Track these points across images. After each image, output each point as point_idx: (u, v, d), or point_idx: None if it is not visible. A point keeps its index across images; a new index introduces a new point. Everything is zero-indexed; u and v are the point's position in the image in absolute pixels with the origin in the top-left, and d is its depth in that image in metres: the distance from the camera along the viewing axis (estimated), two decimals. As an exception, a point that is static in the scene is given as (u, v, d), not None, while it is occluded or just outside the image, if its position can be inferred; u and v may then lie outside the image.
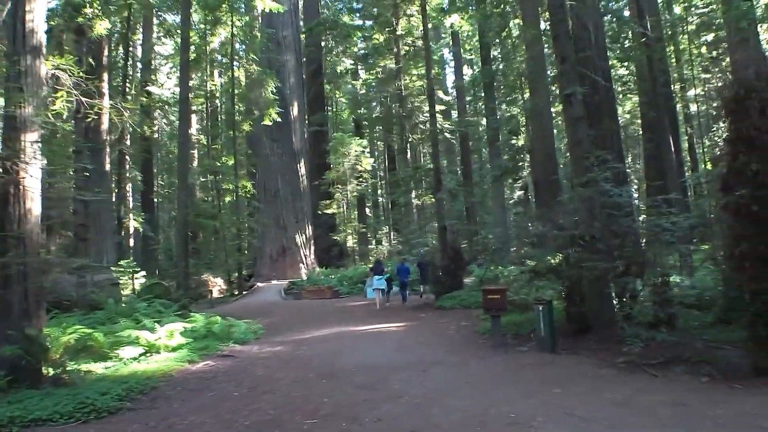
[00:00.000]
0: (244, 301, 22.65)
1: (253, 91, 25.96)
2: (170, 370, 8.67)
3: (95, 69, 26.90)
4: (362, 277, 25.07)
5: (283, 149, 30.18)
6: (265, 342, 11.75)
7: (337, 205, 32.25)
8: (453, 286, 16.61)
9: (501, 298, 9.81)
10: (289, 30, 31.36)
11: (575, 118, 10.55)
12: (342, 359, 9.30)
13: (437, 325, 13.27)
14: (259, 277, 28.79)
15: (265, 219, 29.16)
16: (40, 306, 7.88)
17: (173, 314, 14.31)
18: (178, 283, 17.12)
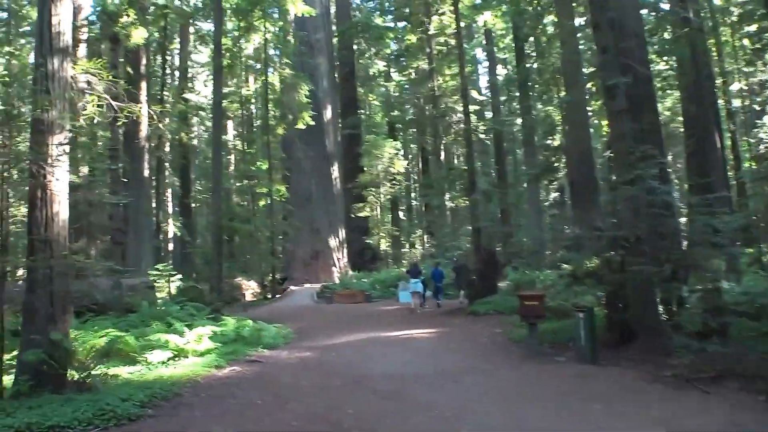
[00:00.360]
0: (276, 305, 22.56)
1: (287, 95, 25.94)
2: (196, 375, 8.49)
3: (133, 78, 27.42)
4: (395, 280, 24.72)
5: (316, 153, 30.10)
6: (293, 347, 11.52)
7: (370, 209, 32.01)
8: (487, 290, 16.12)
9: (539, 304, 9.33)
10: (322, 33, 31.34)
11: (618, 111, 9.98)
12: (370, 367, 8.97)
13: (470, 331, 12.83)
14: (292, 281, 28.72)
15: (298, 222, 29.11)
16: (66, 310, 7.79)
17: (205, 318, 14.25)
18: (211, 287, 17.10)
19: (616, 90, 10.11)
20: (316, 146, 30.25)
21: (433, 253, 30.38)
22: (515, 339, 10.99)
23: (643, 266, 8.51)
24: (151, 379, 8.05)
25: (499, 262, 16.59)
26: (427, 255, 33.15)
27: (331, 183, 30.80)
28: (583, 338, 8.84)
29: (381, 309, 19.09)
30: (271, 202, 25.60)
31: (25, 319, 7.47)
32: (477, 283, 16.04)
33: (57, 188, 7.67)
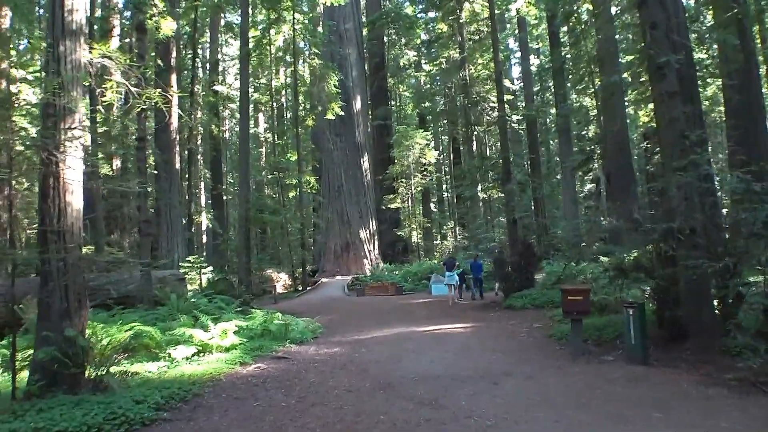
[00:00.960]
0: (307, 297, 22.14)
1: (316, 86, 25.39)
2: (219, 373, 7.99)
3: (164, 71, 27.24)
4: (427, 273, 24.07)
5: (346, 143, 29.56)
6: (322, 342, 10.96)
7: (401, 200, 31.35)
8: (523, 283, 15.31)
9: (583, 299, 8.53)
10: (351, 23, 30.68)
11: (669, 92, 9.05)
12: (402, 366, 8.33)
13: (507, 327, 12.08)
14: (323, 273, 28.31)
15: (328, 214, 28.66)
16: (81, 305, 7.34)
17: (233, 311, 13.87)
18: (239, 279, 16.71)
19: (667, 69, 9.20)
20: (346, 137, 29.72)
21: (465, 246, 29.58)
22: (556, 336, 10.21)
23: (701, 260, 7.68)
24: (171, 378, 7.58)
25: (535, 255, 15.74)
26: (460, 247, 32.37)
27: (361, 174, 30.23)
28: (633, 336, 8.04)
29: (413, 302, 18.44)
30: (301, 194, 25.14)
31: (39, 315, 7.05)
32: (513, 276, 15.23)
33: (70, 177, 7.21)
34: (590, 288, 9.04)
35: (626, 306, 8.19)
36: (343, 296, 22.06)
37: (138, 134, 15.70)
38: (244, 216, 16.20)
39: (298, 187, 25.33)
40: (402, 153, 29.70)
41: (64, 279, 7.05)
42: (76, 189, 7.39)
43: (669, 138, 9.25)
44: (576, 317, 8.60)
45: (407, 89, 43.17)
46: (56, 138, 7.13)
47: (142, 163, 15.71)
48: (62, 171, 7.14)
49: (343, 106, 26.90)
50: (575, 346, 8.67)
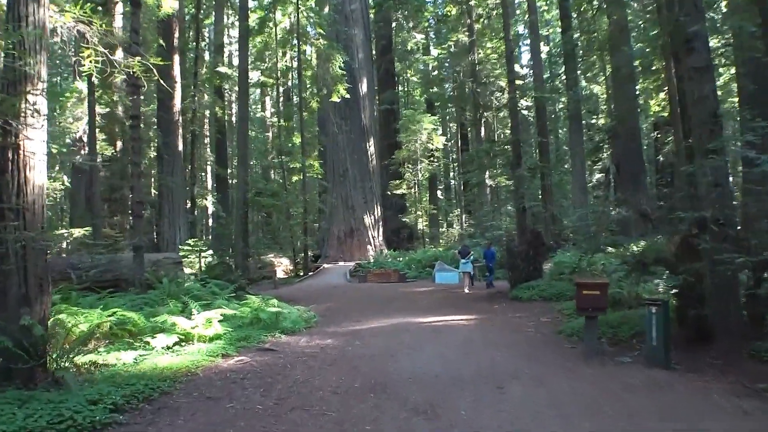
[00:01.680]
0: (307, 283, 21.40)
1: (321, 67, 24.42)
2: (196, 366, 7.22)
3: (166, 51, 26.36)
4: (431, 261, 23.27)
5: (352, 127, 28.62)
6: (315, 333, 10.17)
7: (407, 186, 30.43)
8: (531, 274, 14.45)
9: (600, 294, 7.65)
10: (357, 3, 29.58)
11: (699, 67, 8.09)
12: (397, 362, 7.53)
13: (513, 320, 11.24)
14: (326, 258, 27.56)
15: (332, 199, 27.83)
16: (43, 290, 6.55)
17: (227, 296, 13.15)
18: (235, 264, 15.96)
19: (696, 41, 8.24)
20: (351, 121, 28.78)
21: (472, 234, 28.71)
22: (566, 333, 9.37)
23: (731, 253, 6.80)
24: (142, 371, 6.80)
25: (544, 244, 14.85)
26: (466, 235, 31.52)
27: (367, 159, 29.31)
28: (655, 337, 7.18)
29: (416, 290, 17.65)
30: (304, 178, 24.27)
31: (-5, 302, 6.27)
32: (520, 266, 14.37)
33: (31, 149, 6.38)
34: (608, 282, 8.13)
35: (648, 303, 7.33)
36: (345, 283, 21.31)
37: (131, 111, 14.83)
38: (242, 198, 15.41)
39: (302, 171, 24.43)
40: (409, 138, 28.76)
41: (22, 262, 6.27)
42: (39, 163, 6.57)
43: (699, 117, 8.30)
44: (591, 314, 7.74)
45: (415, 74, 42.05)
46: (15, 106, 6.31)
47: (136, 142, 14.87)
48: (22, 143, 6.32)
49: (349, 89, 25.94)
50: (589, 345, 7.81)
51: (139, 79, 15.73)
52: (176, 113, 27.73)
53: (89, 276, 13.63)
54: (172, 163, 27.45)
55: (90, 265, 14.49)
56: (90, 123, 19.66)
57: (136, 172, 14.97)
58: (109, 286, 13.80)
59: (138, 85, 15.37)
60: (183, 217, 27.65)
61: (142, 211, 14.95)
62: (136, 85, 15.03)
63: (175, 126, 27.67)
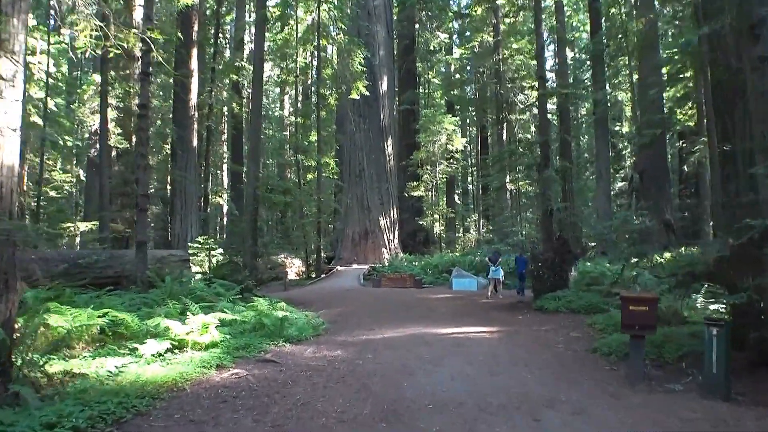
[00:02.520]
0: (319, 285, 20.45)
1: (341, 62, 23.49)
2: (184, 380, 6.27)
3: (184, 44, 25.68)
4: (448, 266, 22.22)
5: (370, 126, 27.66)
6: (323, 342, 9.18)
7: (424, 188, 29.37)
8: (556, 283, 13.34)
9: (649, 310, 6.57)
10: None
11: (764, 57, 7.01)
12: (415, 382, 6.51)
13: (539, 334, 10.15)
14: (339, 260, 26.62)
15: (348, 199, 26.89)
16: (9, 287, 5.64)
17: (232, 297, 12.27)
18: (243, 263, 15.07)
19: (763, 28, 7.15)
20: (370, 119, 27.83)
21: (490, 239, 27.62)
22: (603, 351, 8.26)
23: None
24: (120, 385, 5.87)
25: (571, 251, 13.71)
26: (483, 241, 30.44)
27: (384, 159, 28.32)
28: (715, 363, 6.08)
29: (433, 297, 16.61)
30: (319, 176, 23.32)
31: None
32: (545, 275, 13.27)
33: (0, 123, 5.52)
34: (658, 297, 7.01)
35: (708, 324, 6.22)
36: (358, 286, 20.33)
37: (140, 100, 14.03)
38: (252, 194, 14.51)
39: (317, 169, 23.48)
40: (428, 138, 27.72)
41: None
42: (9, 143, 5.69)
43: (763, 113, 7.20)
44: (638, 332, 6.65)
45: (436, 75, 41.02)
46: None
47: (143, 133, 14.06)
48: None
49: (369, 87, 24.99)
50: (634, 368, 6.73)
51: (149, 67, 14.99)
52: (192, 107, 27.04)
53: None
54: (185, 159, 26.75)
55: (91, 261, 13.71)
56: (102, 114, 18.98)
57: (142, 164, 14.16)
58: (110, 284, 13.02)
59: (148, 73, 14.62)
60: (195, 214, 26.93)
61: (146, 204, 14.15)
62: (146, 73, 14.26)
63: (191, 121, 26.98)
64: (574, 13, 36.19)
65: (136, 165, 14.92)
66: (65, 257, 13.88)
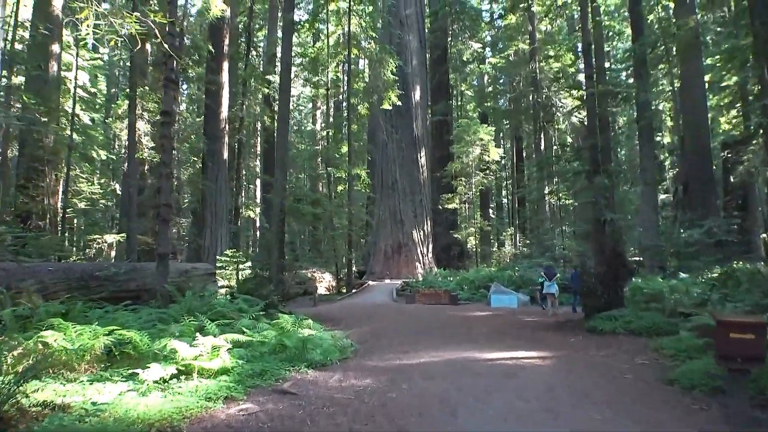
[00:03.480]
0: (350, 301, 19.28)
1: (372, 72, 22.53)
2: (182, 416, 5.16)
3: (215, 57, 25.18)
4: (485, 281, 20.80)
5: (403, 137, 26.58)
6: (351, 368, 7.96)
7: (459, 200, 28.00)
8: (611, 301, 11.85)
9: (756, 339, 5.17)
10: (412, 8, 27.70)
11: None
12: (459, 424, 5.23)
13: (599, 360, 8.72)
14: (371, 275, 25.43)
15: (380, 212, 25.77)
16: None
17: (256, 314, 11.24)
18: (269, 278, 14.03)
19: None
20: (402, 130, 26.75)
21: (528, 254, 26.05)
22: (683, 384, 6.80)
23: None
24: (104, 422, 4.78)
25: (626, 266, 12.21)
26: (520, 256, 28.87)
27: (417, 170, 27.14)
28: None
29: (470, 314, 15.24)
30: (350, 188, 22.22)
31: None
32: (598, 291, 11.79)
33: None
34: (766, 323, 5.56)
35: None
36: (390, 302, 19.08)
37: (164, 107, 13.23)
38: (279, 205, 13.51)
39: (348, 181, 22.39)
40: (463, 149, 26.41)
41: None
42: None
43: None
44: (740, 366, 5.24)
45: (469, 87, 39.78)
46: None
47: (166, 140, 13.23)
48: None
49: (401, 97, 23.99)
50: (735, 408, 5.31)
51: (174, 73, 14.20)
52: (223, 120, 26.50)
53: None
54: (216, 172, 26.15)
55: (109, 273, 12.90)
56: (130, 124, 18.36)
57: (164, 173, 13.32)
58: (130, 298, 12.20)
59: (173, 80, 13.85)
60: (225, 227, 26.24)
61: (169, 214, 13.26)
62: (170, 79, 13.50)
63: (222, 133, 26.43)
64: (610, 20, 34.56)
65: (159, 173, 14.09)
66: (84, 269, 13.10)
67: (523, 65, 26.91)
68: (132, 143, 18.03)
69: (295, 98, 45.11)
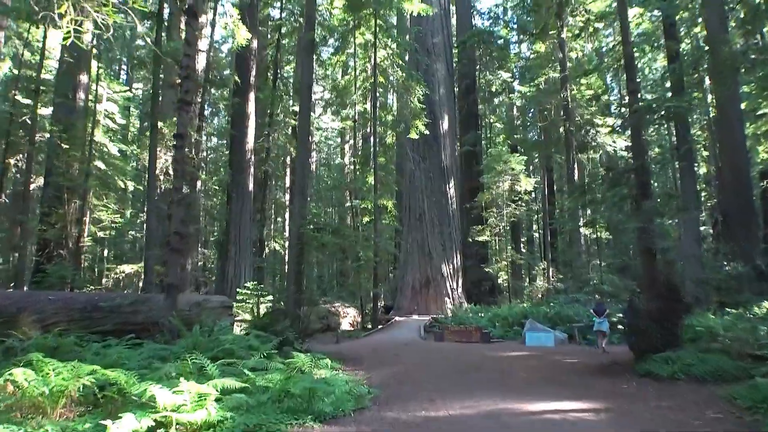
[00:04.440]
0: (375, 338, 17.89)
1: (399, 100, 21.63)
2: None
3: (241, 87, 24.77)
4: (519, 318, 19.19)
5: (431, 167, 25.47)
6: (367, 421, 6.62)
7: (490, 232, 26.51)
8: (666, 341, 10.24)
9: None
10: (439, 36, 26.94)
11: None
12: None
13: (662, 413, 7.18)
14: (398, 310, 24.02)
15: (407, 245, 24.49)
16: None
17: (269, 351, 10.03)
18: (285, 312, 12.84)
19: None
20: (430, 160, 25.66)
21: (564, 289, 24.32)
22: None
23: None
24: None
25: (682, 300, 10.60)
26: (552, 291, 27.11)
27: (446, 201, 25.88)
28: None
29: (505, 354, 13.70)
30: (377, 216, 21.02)
31: None
32: (652, 329, 10.20)
33: None
34: None
35: None
36: (418, 340, 17.62)
37: (177, 129, 12.43)
38: (296, 234, 12.43)
39: (374, 210, 21.21)
40: (493, 179, 25.10)
41: None
42: None
43: None
44: None
45: (498, 120, 38.67)
46: None
47: (179, 165, 12.41)
48: None
49: (429, 126, 22.98)
50: None
51: (188, 94, 13.44)
52: (248, 151, 25.90)
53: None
54: (241, 203, 25.40)
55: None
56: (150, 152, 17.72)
57: (176, 199, 12.45)
58: (136, 331, 11.21)
59: (187, 101, 13.12)
60: (249, 260, 25.30)
61: (180, 243, 12.29)
62: (184, 101, 12.76)
63: (247, 164, 25.78)
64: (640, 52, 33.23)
65: (172, 200, 13.21)
66: (88, 299, 12.19)
67: (554, 93, 25.74)
68: (152, 170, 17.35)
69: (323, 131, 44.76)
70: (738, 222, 22.80)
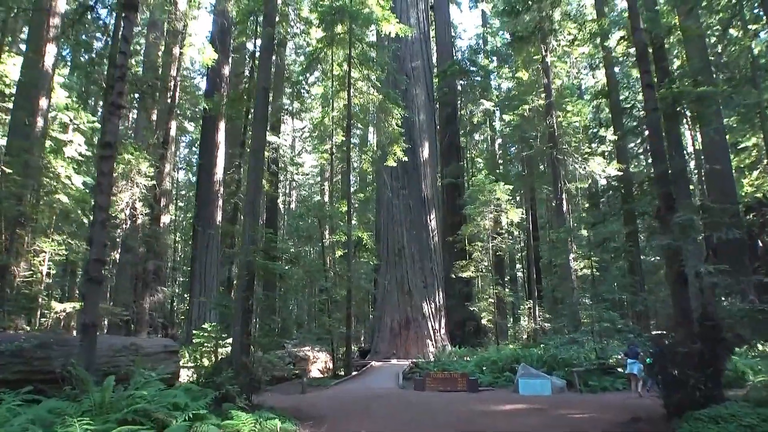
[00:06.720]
0: (346, 387, 15.13)
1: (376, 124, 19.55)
2: None
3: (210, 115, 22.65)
4: (510, 362, 16.64)
5: (411, 198, 23.23)
6: None
7: (474, 268, 24.06)
8: (710, 393, 7.83)
9: None
10: (419, 61, 25.19)
11: None
12: None
13: None
14: (376, 354, 21.27)
15: (385, 282, 21.98)
16: None
17: (201, 411, 7.45)
18: (229, 360, 10.21)
19: None
20: (410, 191, 23.46)
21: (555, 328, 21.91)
22: None
23: None
24: None
25: (723, 339, 8.25)
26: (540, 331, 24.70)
27: (427, 234, 23.53)
28: None
29: (497, 408, 11.11)
30: (350, 254, 18.46)
31: None
32: (691, 377, 7.79)
33: None
34: None
35: None
36: (395, 389, 14.92)
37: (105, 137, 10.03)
38: (244, 264, 9.98)
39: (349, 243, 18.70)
40: (477, 209, 22.86)
41: None
42: None
43: None
44: None
45: (480, 154, 36.89)
46: None
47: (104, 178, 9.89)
48: None
49: (408, 152, 20.92)
50: None
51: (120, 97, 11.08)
52: (217, 182, 23.53)
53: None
54: (207, 238, 22.82)
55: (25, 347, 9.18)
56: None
57: (99, 219, 9.90)
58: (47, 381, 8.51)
59: (119, 105, 10.76)
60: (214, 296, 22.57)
61: (99, 273, 9.68)
62: (115, 104, 10.40)
63: (215, 196, 23.36)
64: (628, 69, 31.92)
65: (93, 221, 10.66)
66: (-11, 341, 9.40)
67: (539, 121, 24.04)
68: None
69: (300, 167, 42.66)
70: (729, 256, 21.21)
